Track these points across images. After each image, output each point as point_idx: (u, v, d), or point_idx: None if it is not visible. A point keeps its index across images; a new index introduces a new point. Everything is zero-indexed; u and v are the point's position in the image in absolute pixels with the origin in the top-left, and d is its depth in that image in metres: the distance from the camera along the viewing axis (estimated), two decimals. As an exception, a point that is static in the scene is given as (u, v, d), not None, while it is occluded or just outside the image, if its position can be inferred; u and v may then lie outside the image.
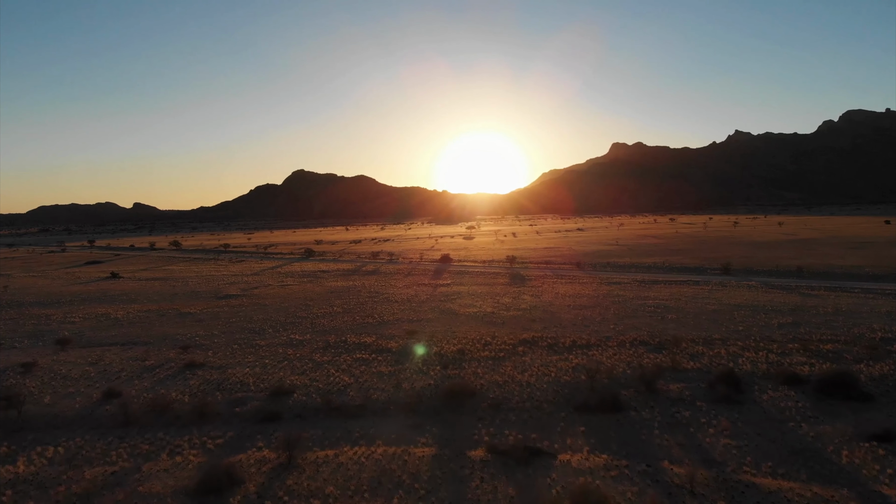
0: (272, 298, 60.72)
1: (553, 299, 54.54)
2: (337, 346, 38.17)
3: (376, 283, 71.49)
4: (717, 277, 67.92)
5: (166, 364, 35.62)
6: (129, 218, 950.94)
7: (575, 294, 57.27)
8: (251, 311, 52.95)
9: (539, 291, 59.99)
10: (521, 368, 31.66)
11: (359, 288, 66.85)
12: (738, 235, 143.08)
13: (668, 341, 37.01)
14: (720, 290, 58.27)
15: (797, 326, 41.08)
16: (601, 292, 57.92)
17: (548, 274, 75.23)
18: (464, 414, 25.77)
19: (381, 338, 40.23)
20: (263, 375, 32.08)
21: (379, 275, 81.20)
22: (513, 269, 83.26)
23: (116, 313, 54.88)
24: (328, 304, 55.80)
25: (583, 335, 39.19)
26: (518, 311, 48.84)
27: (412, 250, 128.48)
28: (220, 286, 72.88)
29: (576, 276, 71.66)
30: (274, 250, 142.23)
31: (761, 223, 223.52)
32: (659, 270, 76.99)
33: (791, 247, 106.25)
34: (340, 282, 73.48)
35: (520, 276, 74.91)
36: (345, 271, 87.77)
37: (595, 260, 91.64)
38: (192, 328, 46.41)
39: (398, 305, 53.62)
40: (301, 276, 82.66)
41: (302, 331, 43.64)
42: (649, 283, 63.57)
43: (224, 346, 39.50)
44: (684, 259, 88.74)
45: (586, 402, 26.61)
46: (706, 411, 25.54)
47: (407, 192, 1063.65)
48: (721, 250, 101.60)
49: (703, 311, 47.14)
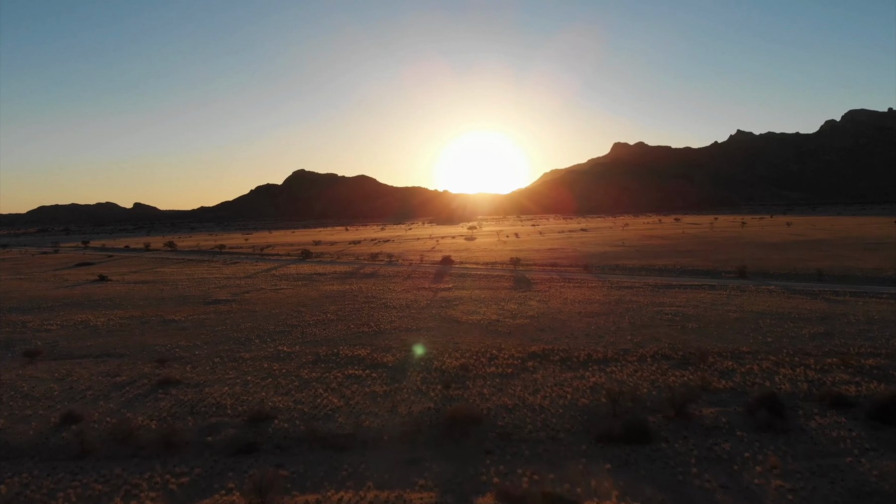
0: (263, 304, 57.32)
1: (562, 306, 51.10)
2: (327, 360, 34.74)
3: (374, 286, 68.08)
4: (734, 281, 64.45)
5: (139, 380, 32.22)
6: (129, 218, 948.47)
7: (585, 300, 53.82)
8: (239, 319, 49.55)
9: (546, 297, 56.55)
10: (532, 388, 28.22)
11: (355, 292, 63.46)
12: (746, 236, 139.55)
13: (692, 355, 33.58)
14: (739, 295, 54.81)
15: (830, 337, 37.64)
16: (612, 298, 54.47)
17: (554, 277, 71.79)
18: (469, 446, 22.33)
19: (377, 350, 36.81)
20: (243, 396, 28.67)
21: (377, 278, 77.81)
22: (517, 272, 79.84)
23: (96, 320, 51.52)
24: (322, 310, 52.39)
25: (598, 348, 35.74)
26: (525, 319, 45.41)
27: (412, 251, 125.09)
28: (211, 290, 69.51)
29: (584, 280, 68.21)
30: (270, 251, 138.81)
31: (768, 223, 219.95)
32: (671, 273, 73.52)
33: (803, 248, 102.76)
34: (336, 285, 70.08)
35: (525, 279, 71.48)
36: (342, 274, 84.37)
37: (602, 262, 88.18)
38: (174, 338, 43.02)
39: (396, 312, 50.20)
40: (296, 278, 79.26)
41: (291, 341, 40.23)
42: (663, 288, 60.12)
43: (205, 360, 36.09)
44: (695, 261, 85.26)
45: (609, 430, 23.15)
46: (748, 443, 22.09)
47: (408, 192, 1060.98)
48: (732, 252, 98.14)
49: (725, 319, 43.68)
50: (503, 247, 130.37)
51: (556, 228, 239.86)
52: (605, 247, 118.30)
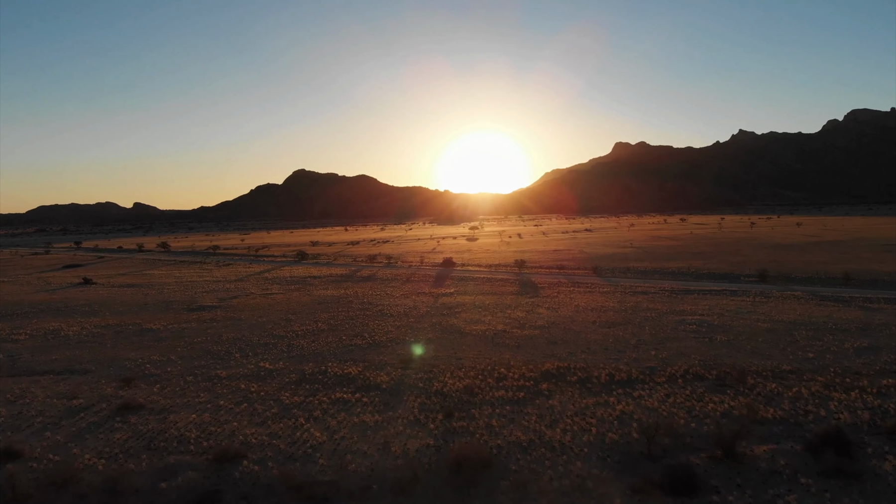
0: (250, 311, 53.29)
1: (573, 314, 47.02)
2: (313, 380, 30.69)
3: (371, 291, 64.04)
4: (755, 286, 60.36)
5: (97, 404, 28.20)
6: (128, 218, 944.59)
7: (598, 307, 49.72)
8: (222, 328, 45.52)
9: (555, 303, 52.47)
10: (549, 418, 24.15)
11: (350, 298, 59.42)
12: (758, 237, 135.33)
13: (728, 374, 29.54)
14: (765, 302, 50.71)
15: (877, 352, 33.54)
16: (628, 305, 50.37)
17: (562, 281, 67.71)
18: (477, 498, 18.29)
19: (370, 367, 32.76)
20: (212, 426, 24.63)
21: (374, 281, 73.76)
22: (522, 275, 75.76)
23: (69, 329, 47.53)
24: (312, 318, 48.34)
25: (620, 365, 31.67)
26: (534, 330, 41.33)
27: (412, 252, 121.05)
28: (197, 294, 65.50)
29: (594, 284, 64.12)
30: (266, 252, 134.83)
31: (777, 223, 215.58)
32: (686, 277, 69.41)
33: (820, 250, 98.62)
34: (331, 290, 66.04)
35: (531, 283, 67.41)
36: (337, 277, 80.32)
37: (611, 264, 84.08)
38: (148, 350, 39.00)
39: (393, 321, 46.14)
40: (288, 282, 75.24)
41: (275, 356, 36.18)
42: (680, 294, 56.02)
43: (176, 378, 32.05)
44: (709, 263, 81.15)
45: (647, 477, 19.10)
46: (817, 494, 18.02)
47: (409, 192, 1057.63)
48: (746, 253, 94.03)
49: (755, 330, 39.58)
50: (506, 248, 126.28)
51: (560, 229, 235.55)
52: (612, 248, 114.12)
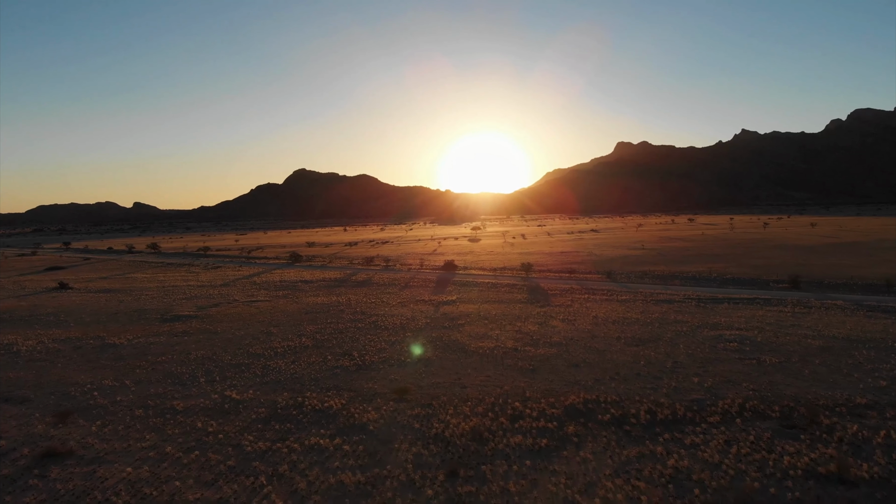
0: (229, 322, 47.75)
1: (593, 327, 41.41)
2: (286, 416, 25.13)
3: (365, 298, 58.47)
4: (789, 294, 54.73)
5: (18, 449, 22.69)
6: (128, 218, 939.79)
7: (620, 319, 44.11)
8: (192, 344, 39.98)
9: (570, 314, 46.85)
10: (582, 481, 18.57)
11: (342, 306, 53.85)
12: (773, 238, 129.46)
13: (793, 410, 23.98)
14: (805, 313, 45.06)
15: (964, 379, 27.94)
16: (653, 316, 44.74)
17: (574, 287, 62.08)
18: None
19: (357, 398, 27.21)
20: (148, 486, 19.08)
21: (370, 287, 68.20)
22: (529, 280, 70.17)
23: (24, 343, 42.03)
24: (297, 331, 42.78)
25: (659, 397, 26.07)
26: (550, 348, 35.73)
27: (412, 254, 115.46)
28: (176, 302, 59.99)
29: (610, 291, 58.49)
30: (259, 254, 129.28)
31: (789, 224, 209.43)
32: (709, 283, 63.78)
33: (844, 252, 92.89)
34: (322, 297, 60.48)
35: (540, 289, 61.79)
36: (330, 282, 74.75)
37: (625, 268, 78.44)
38: (102, 372, 33.48)
39: (388, 335, 40.56)
40: (277, 287, 69.69)
41: (246, 382, 30.63)
42: (709, 302, 50.37)
43: (123, 412, 26.52)
44: (730, 267, 75.48)
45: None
46: None
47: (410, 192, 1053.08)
48: (766, 256, 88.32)
49: (807, 349, 33.94)
50: (510, 249, 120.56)
51: (564, 229, 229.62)
52: (622, 249, 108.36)
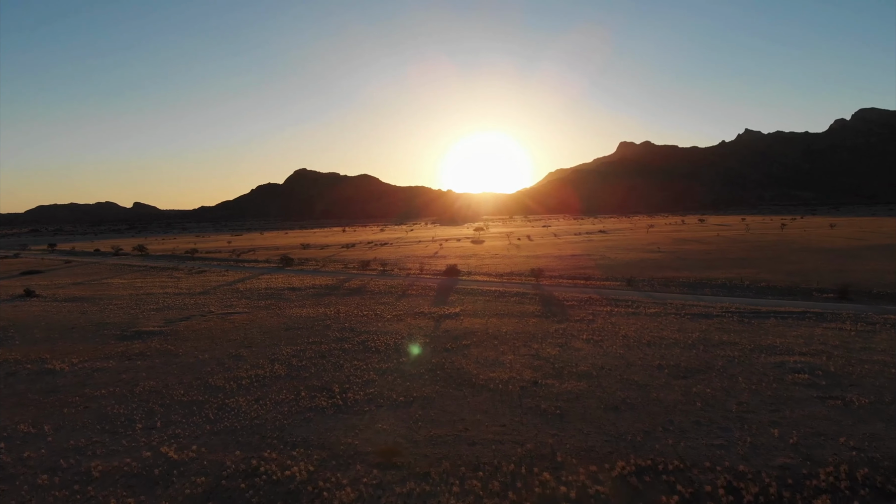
0: (196, 341, 40.97)
1: (625, 350, 34.51)
2: (229, 496, 18.25)
3: (356, 310, 51.65)
4: (840, 306, 47.76)
5: None
6: (128, 218, 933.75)
7: (654, 339, 37.18)
8: (143, 372, 33.17)
9: (595, 331, 39.95)
10: None
11: (329, 320, 47.02)
12: (795, 240, 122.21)
13: (935, 490, 17.07)
14: (871, 331, 38.11)
15: None
16: (692, 335, 37.81)
17: (593, 297, 55.13)
18: None
19: (330, 462, 20.32)
20: None
21: (363, 296, 61.41)
22: (541, 288, 63.31)
23: (-53, 368, 35.22)
24: (271, 355, 35.96)
25: (735, 461, 19.11)
26: (579, 381, 28.85)
27: (412, 257, 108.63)
28: (144, 313, 53.23)
29: (635, 302, 51.55)
30: (250, 256, 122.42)
31: (806, 225, 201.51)
32: (743, 292, 56.83)
33: (879, 256, 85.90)
34: (308, 308, 53.64)
35: (555, 300, 54.89)
36: (320, 289, 67.96)
37: (645, 273, 71.50)
38: (23, 412, 26.68)
39: (378, 361, 33.70)
40: (261, 296, 62.89)
41: (192, 430, 23.78)
42: (752, 317, 43.43)
43: (23, 478, 19.63)
44: (761, 273, 68.48)
45: None
46: None
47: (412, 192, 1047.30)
48: (797, 261, 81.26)
49: (894, 382, 27.03)
50: (516, 252, 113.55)
51: (571, 230, 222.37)
52: (637, 253, 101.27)
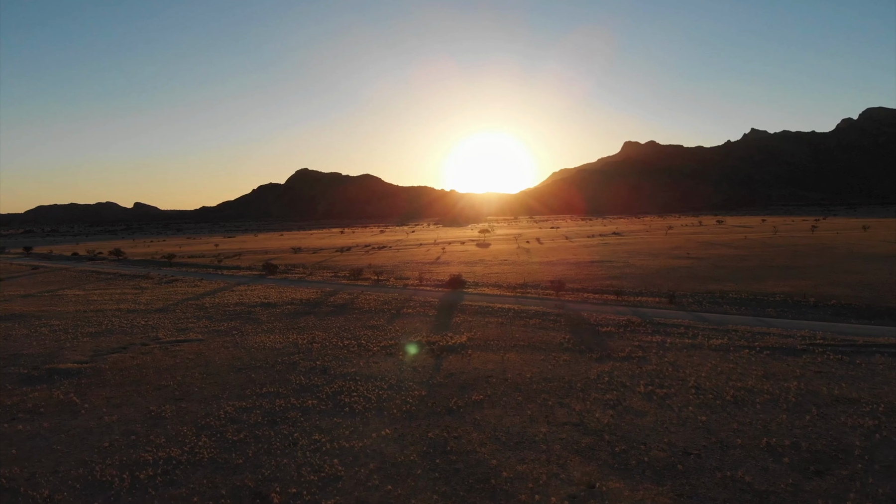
0: (115, 387, 30.65)
1: (706, 415, 24.01)
2: None
3: (336, 338, 41.26)
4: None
5: None
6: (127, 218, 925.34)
7: (738, 393, 26.63)
8: (17, 446, 22.83)
9: (653, 377, 29.46)
10: None
11: (299, 354, 36.64)
12: (834, 243, 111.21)
13: None
14: None
15: None
16: (789, 387, 27.28)
17: (632, 320, 44.59)
18: None
19: None
20: None
21: (349, 314, 51.06)
22: (564, 305, 52.89)
23: None
24: (201, 417, 25.58)
25: None
26: (656, 481, 18.35)
27: (411, 264, 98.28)
28: (74, 341, 42.92)
29: (689, 328, 40.96)
30: (233, 262, 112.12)
31: (835, 226, 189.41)
32: (815, 312, 46.21)
33: (942, 263, 75.16)
34: (276, 334, 43.23)
35: (585, 322, 44.39)
36: (300, 305, 57.62)
37: (683, 285, 61.00)
38: None
39: (350, 435, 23.23)
40: (226, 316, 52.52)
41: None
42: (850, 352, 32.80)
43: None
44: (820, 285, 57.77)
45: None
46: None
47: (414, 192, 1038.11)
48: (853, 270, 70.47)
49: None
50: (527, 258, 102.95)
51: (582, 232, 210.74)
52: (663, 259, 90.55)
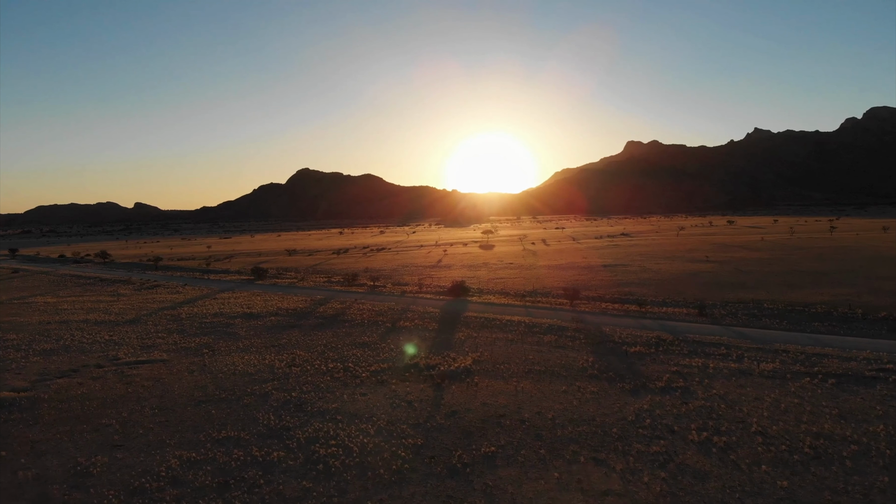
0: (46, 427, 24.98)
1: (787, 478, 18.19)
2: None
3: (319, 361, 35.51)
4: None
5: None
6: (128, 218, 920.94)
7: (815, 442, 20.82)
8: None
9: (704, 418, 23.69)
10: None
11: (270, 383, 30.90)
12: (859, 245, 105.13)
13: None
14: None
15: None
16: (875, 431, 21.48)
17: (662, 336, 38.74)
18: None
19: None
20: None
21: (339, 329, 45.33)
22: (581, 317, 47.08)
23: None
24: (133, 477, 19.85)
25: None
26: None
27: (411, 267, 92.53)
28: (21, 360, 37.23)
29: (732, 348, 35.08)
30: (223, 265, 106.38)
31: (853, 227, 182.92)
32: (870, 327, 40.33)
33: None
34: (252, 354, 37.48)
35: (609, 342, 38.55)
36: (285, 316, 51.86)
37: (708, 293, 55.15)
38: None
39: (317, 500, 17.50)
40: (200, 329, 46.78)
41: None
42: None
43: None
44: (862, 294, 51.84)
45: None
46: None
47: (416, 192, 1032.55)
48: (882, 275, 64.46)
49: None
50: (534, 261, 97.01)
51: (589, 233, 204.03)
52: (682, 262, 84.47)
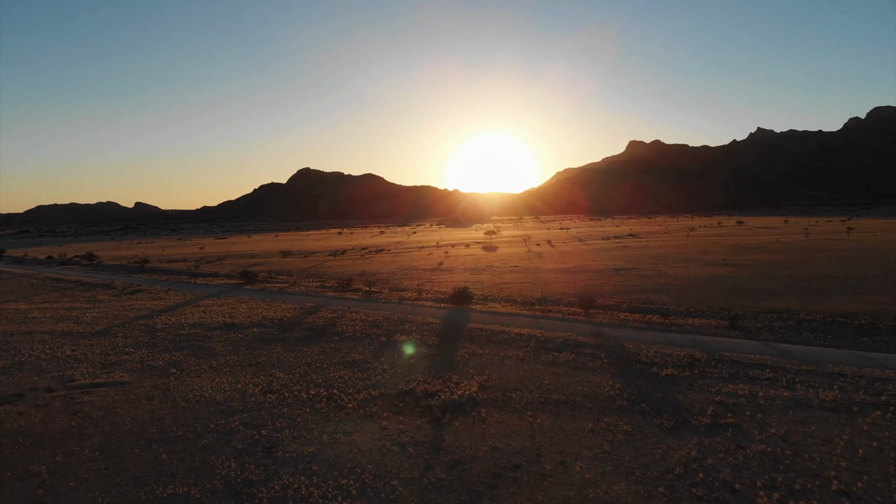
0: (-51, 479, 20.23)
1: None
2: None
3: (301, 385, 30.79)
4: None
5: None
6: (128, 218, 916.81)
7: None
8: None
9: (770, 466, 18.96)
10: None
11: (239, 416, 26.22)
12: (882, 248, 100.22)
13: None
14: None
15: None
16: None
17: (695, 355, 33.93)
18: None
19: None
20: None
21: (327, 343, 40.63)
22: (599, 330, 42.31)
23: None
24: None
25: None
26: None
27: (410, 271, 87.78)
28: (-39, 382, 32.61)
29: (779, 370, 30.33)
30: (214, 268, 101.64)
31: (868, 227, 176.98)
32: (931, 344, 35.52)
33: None
34: (225, 375, 32.81)
35: (636, 361, 33.80)
36: (270, 327, 47.14)
37: (731, 301, 50.37)
38: None
39: None
40: (174, 343, 42.10)
41: None
42: None
43: None
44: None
45: None
46: None
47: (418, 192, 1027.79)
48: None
49: None
50: (540, 264, 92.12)
51: (594, 233, 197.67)
52: (698, 266, 79.54)
